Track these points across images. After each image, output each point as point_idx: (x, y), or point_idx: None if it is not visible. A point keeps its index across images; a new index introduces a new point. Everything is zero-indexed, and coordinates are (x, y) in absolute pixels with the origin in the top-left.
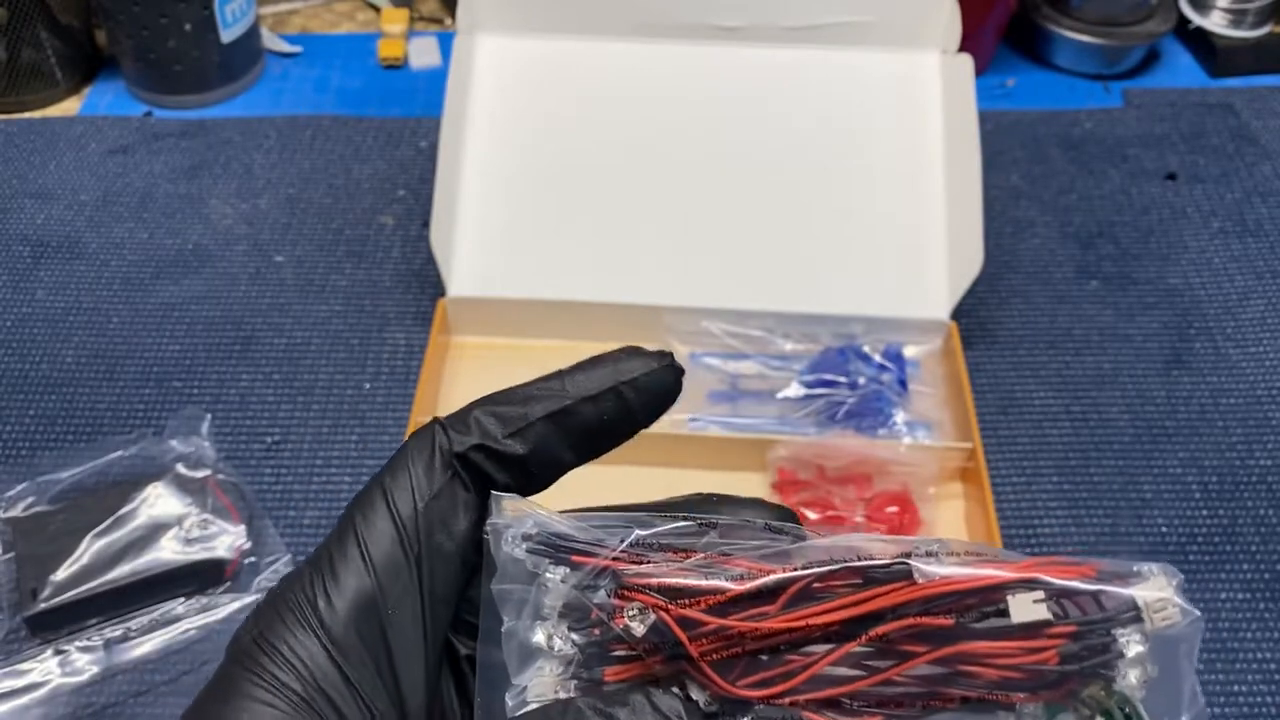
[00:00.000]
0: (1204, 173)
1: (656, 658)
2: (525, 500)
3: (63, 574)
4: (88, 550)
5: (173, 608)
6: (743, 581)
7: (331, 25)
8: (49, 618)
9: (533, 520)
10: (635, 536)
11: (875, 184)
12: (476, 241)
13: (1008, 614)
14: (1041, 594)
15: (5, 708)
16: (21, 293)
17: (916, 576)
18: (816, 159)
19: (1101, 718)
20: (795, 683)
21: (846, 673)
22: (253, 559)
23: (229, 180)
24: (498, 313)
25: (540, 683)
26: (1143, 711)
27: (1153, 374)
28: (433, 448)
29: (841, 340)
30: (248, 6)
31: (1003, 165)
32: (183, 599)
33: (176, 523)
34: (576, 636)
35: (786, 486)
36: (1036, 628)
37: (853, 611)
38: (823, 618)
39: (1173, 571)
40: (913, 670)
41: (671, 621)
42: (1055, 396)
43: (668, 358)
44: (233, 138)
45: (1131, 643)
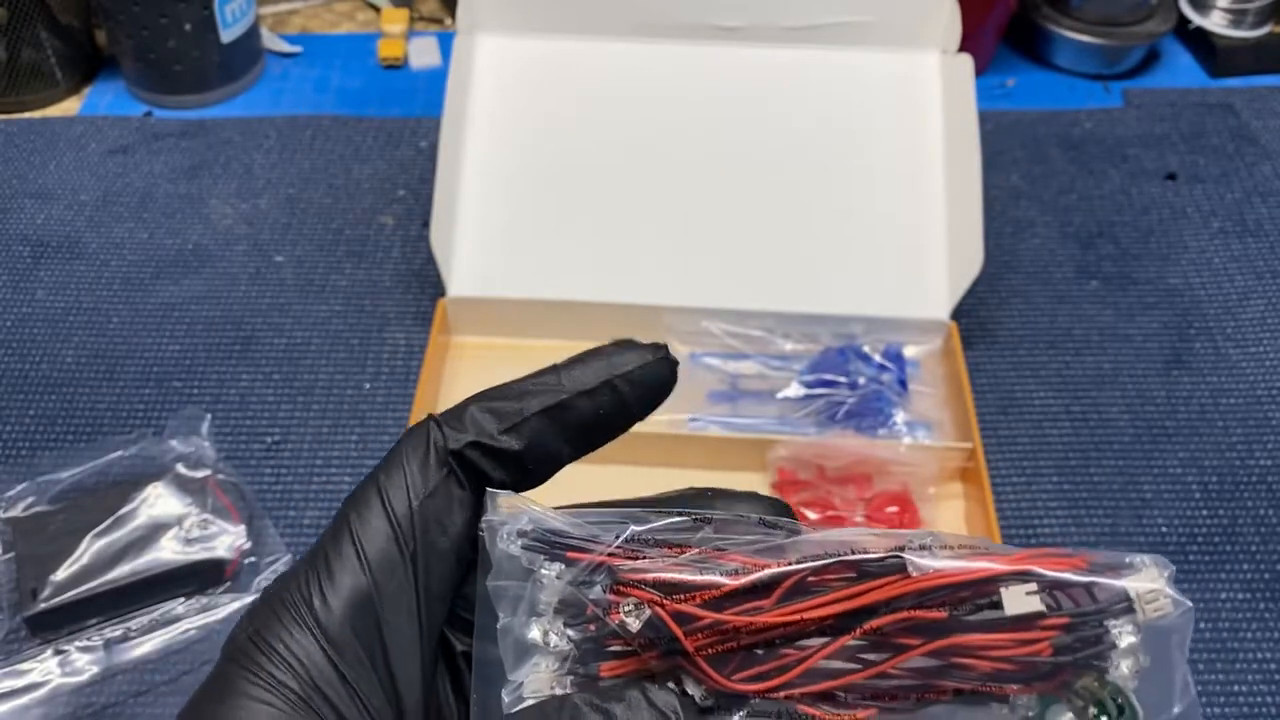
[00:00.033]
0: (1204, 173)
1: (652, 653)
2: (520, 497)
3: (63, 574)
4: (88, 550)
5: (173, 608)
6: (738, 576)
7: (331, 25)
8: (49, 618)
9: (528, 517)
10: (630, 532)
11: (875, 184)
12: (476, 241)
13: (1001, 606)
14: (1034, 586)
15: (5, 708)
16: (21, 293)
17: (910, 570)
18: (816, 159)
19: (1094, 708)
20: (790, 676)
21: (841, 666)
22: (253, 559)
23: (229, 180)
24: (498, 313)
25: (536, 679)
26: (1135, 702)
27: (1153, 374)
28: (428, 445)
29: (841, 340)
30: (248, 6)
31: (1003, 165)
32: (183, 599)
33: (176, 523)
34: (572, 632)
35: (786, 486)
36: (1030, 620)
37: (847, 605)
38: (817, 611)
39: (1164, 563)
40: (907, 663)
41: (667, 617)
42: (1055, 396)
43: (662, 350)
44: (233, 138)
45: (1124, 634)
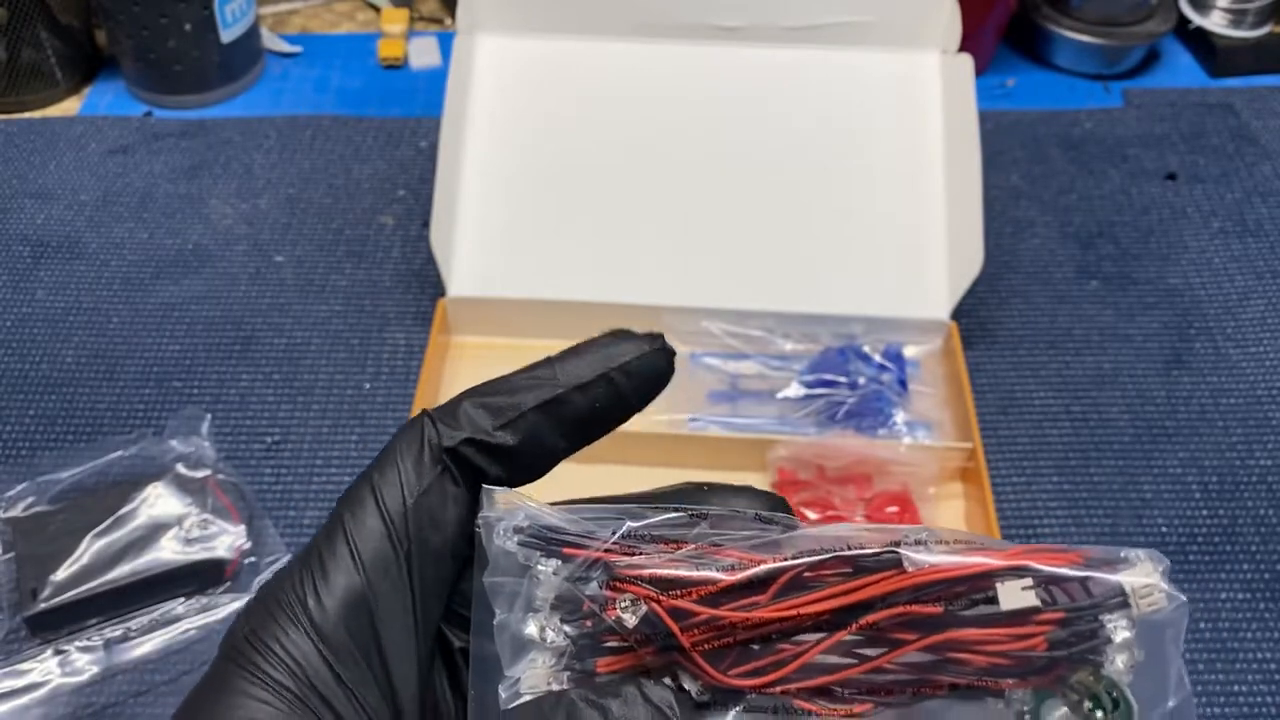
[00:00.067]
0: (1204, 173)
1: (648, 649)
2: (517, 493)
3: (63, 574)
4: (88, 550)
5: (173, 608)
6: (734, 572)
7: (331, 25)
8: (49, 618)
9: (524, 513)
10: (626, 528)
11: (875, 184)
12: (476, 241)
13: (997, 601)
14: (1030, 581)
15: (5, 708)
16: (21, 293)
17: (906, 565)
18: (816, 159)
19: (1090, 702)
20: (786, 671)
21: (837, 661)
22: (253, 559)
23: (229, 180)
24: (498, 313)
25: (533, 674)
26: (1130, 695)
27: (1153, 374)
28: (422, 442)
29: (841, 340)
30: (248, 6)
31: (1003, 165)
32: (183, 599)
33: (176, 523)
34: (569, 628)
35: (786, 486)
36: (1025, 614)
37: (843, 600)
38: (813, 607)
39: (1159, 557)
40: (903, 658)
41: (663, 612)
42: (1055, 396)
43: (658, 340)
44: (233, 138)
45: (1119, 628)
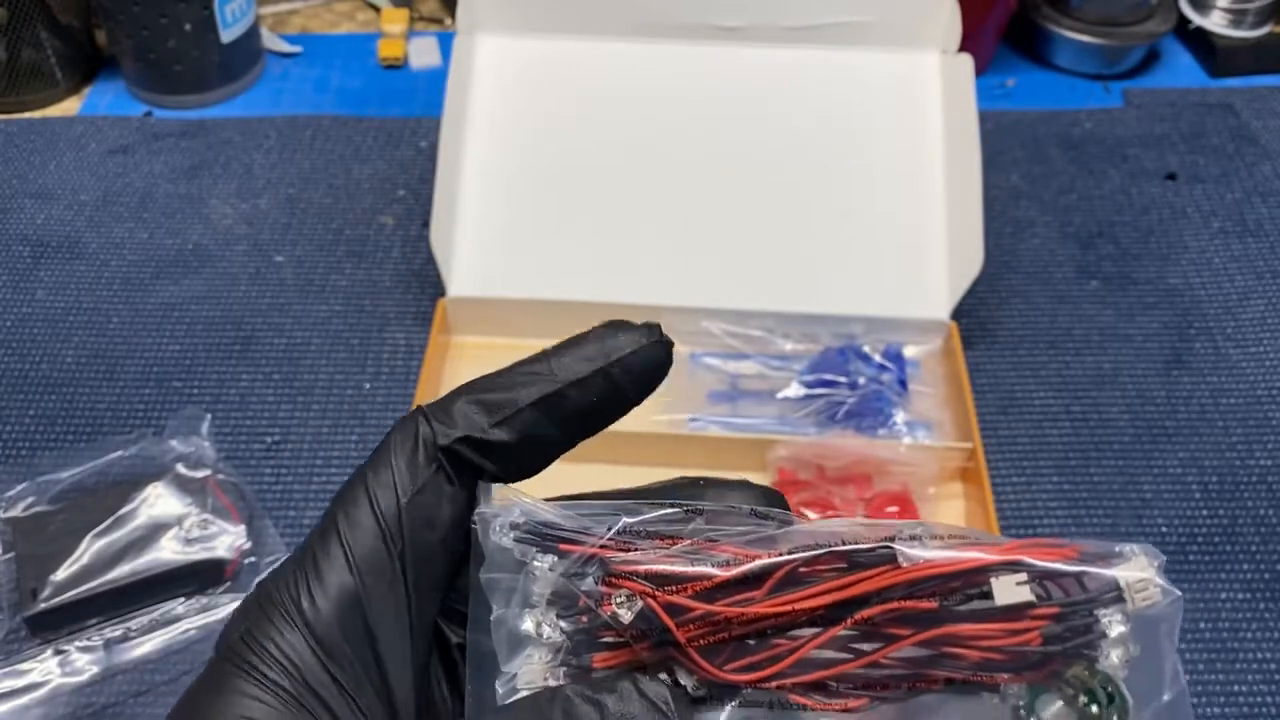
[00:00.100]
0: (1204, 173)
1: (644, 644)
2: (512, 489)
3: (63, 574)
4: (88, 550)
5: (173, 608)
6: (729, 567)
7: (331, 25)
8: (49, 618)
9: (520, 509)
10: (622, 524)
11: (875, 184)
12: (476, 241)
13: (991, 596)
14: (1025, 576)
15: (5, 708)
16: (21, 293)
17: (901, 560)
18: (816, 159)
19: (1084, 697)
20: (782, 666)
21: (833, 656)
22: (253, 559)
23: (229, 180)
24: (498, 313)
25: (529, 670)
26: (1125, 690)
27: (1153, 374)
28: (416, 440)
29: (841, 340)
30: (248, 6)
31: (1003, 165)
32: (183, 599)
33: (176, 523)
34: (565, 624)
35: (786, 486)
36: (1020, 609)
37: (838, 595)
38: (808, 602)
39: (1154, 552)
40: (898, 653)
41: (658, 608)
42: (1055, 396)
43: (656, 332)
44: (233, 138)
45: (1113, 623)
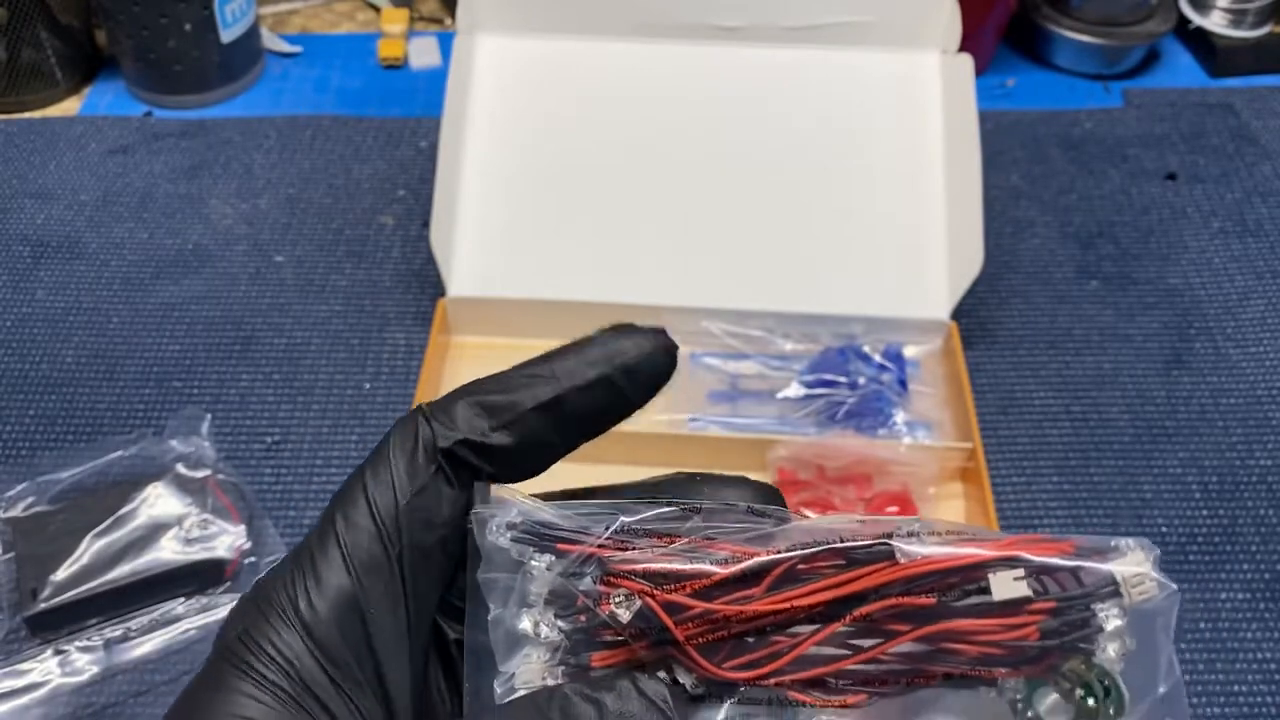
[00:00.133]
0: (1204, 173)
1: (643, 643)
2: (509, 488)
3: (63, 574)
4: (88, 550)
5: (173, 608)
6: (727, 565)
7: (331, 25)
8: (49, 618)
9: (517, 509)
10: (619, 523)
11: (875, 184)
12: (476, 241)
13: (989, 592)
14: (1022, 571)
15: (5, 708)
16: (21, 293)
17: (898, 556)
18: (816, 159)
19: (1081, 690)
20: (781, 664)
21: (831, 652)
22: (253, 559)
23: (229, 180)
24: (498, 313)
25: (528, 669)
26: (1121, 684)
27: (1153, 374)
28: (416, 441)
29: (841, 340)
30: (248, 6)
31: (1003, 165)
32: (183, 599)
33: (176, 523)
34: (563, 623)
35: (786, 486)
36: (1017, 604)
37: (836, 592)
38: (807, 599)
39: (1150, 546)
40: (896, 649)
41: (657, 606)
42: (1055, 396)
43: (661, 336)
44: (233, 138)
45: (1110, 617)
